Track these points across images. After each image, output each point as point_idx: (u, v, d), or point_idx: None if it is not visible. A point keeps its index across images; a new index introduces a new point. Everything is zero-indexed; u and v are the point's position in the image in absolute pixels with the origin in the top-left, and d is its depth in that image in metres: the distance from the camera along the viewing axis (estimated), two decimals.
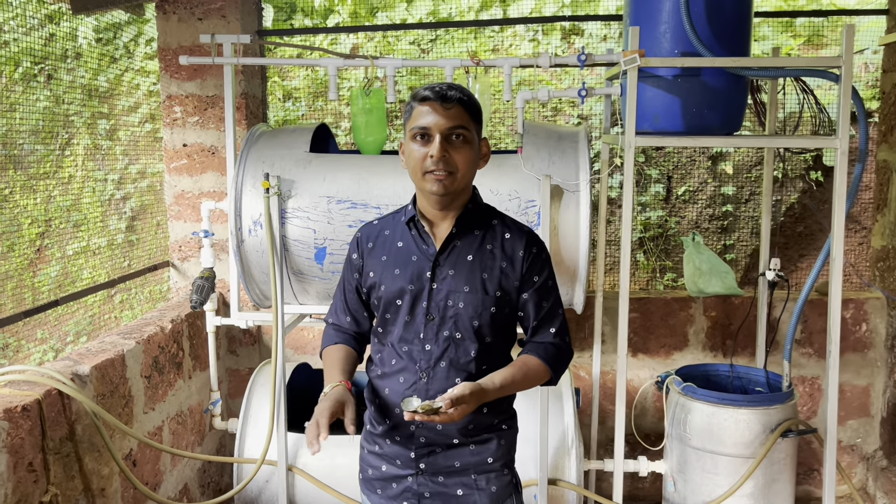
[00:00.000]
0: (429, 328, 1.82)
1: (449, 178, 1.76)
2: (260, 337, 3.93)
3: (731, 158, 5.27)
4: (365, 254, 1.93)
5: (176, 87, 3.73)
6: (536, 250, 1.86)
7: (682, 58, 2.62)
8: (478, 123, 1.83)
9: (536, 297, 1.85)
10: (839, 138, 2.56)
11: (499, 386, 1.74)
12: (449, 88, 1.78)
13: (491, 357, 1.86)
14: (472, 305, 1.81)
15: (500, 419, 1.90)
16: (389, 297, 1.86)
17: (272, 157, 2.88)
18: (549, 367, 1.85)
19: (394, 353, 1.88)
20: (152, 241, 4.46)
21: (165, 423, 3.23)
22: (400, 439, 1.88)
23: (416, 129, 1.78)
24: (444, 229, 1.86)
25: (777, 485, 2.82)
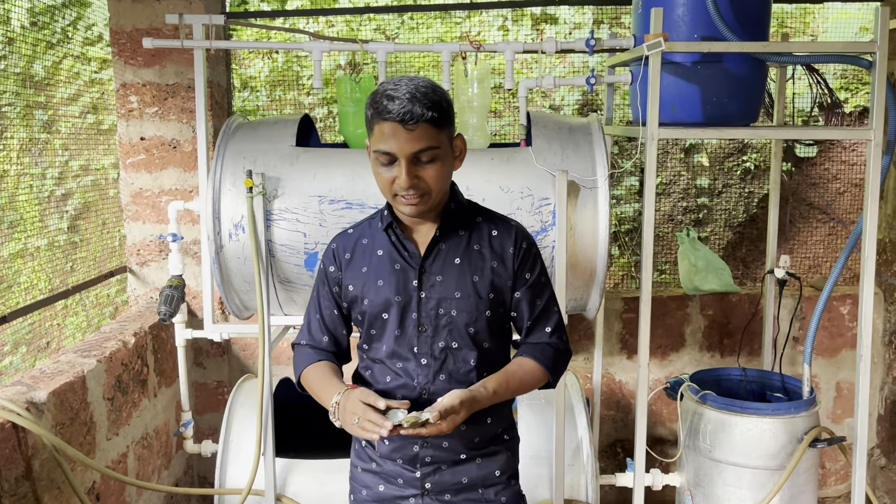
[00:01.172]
0: (422, 341, 1.70)
1: (422, 199, 1.63)
2: (229, 348, 3.61)
3: (705, 149, 5.16)
4: (343, 265, 1.77)
5: (132, 74, 3.37)
6: (527, 245, 1.75)
7: (708, 42, 2.42)
8: (448, 128, 1.64)
9: (530, 294, 1.74)
10: (873, 129, 2.41)
11: (492, 392, 1.64)
12: (411, 100, 1.55)
13: (491, 363, 1.74)
14: (466, 311, 1.70)
15: (503, 428, 1.80)
16: (374, 310, 1.72)
17: (254, 152, 2.57)
18: (547, 370, 1.74)
19: (386, 369, 1.73)
20: (98, 242, 4.08)
21: (130, 449, 2.90)
22: (403, 461, 1.73)
23: (379, 153, 1.60)
24: (426, 233, 1.73)
25: (803, 496, 2.67)
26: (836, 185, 5.18)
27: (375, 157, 1.62)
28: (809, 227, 5.12)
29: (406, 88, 1.57)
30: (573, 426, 2.74)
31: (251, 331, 2.84)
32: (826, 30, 5.20)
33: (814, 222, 5.15)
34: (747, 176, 5.23)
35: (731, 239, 5.29)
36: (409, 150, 1.57)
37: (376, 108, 1.58)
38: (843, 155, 5.10)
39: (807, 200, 5.13)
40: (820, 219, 5.24)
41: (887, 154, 2.57)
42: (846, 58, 2.46)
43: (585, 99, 5.24)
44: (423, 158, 1.59)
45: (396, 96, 1.55)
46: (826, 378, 3.70)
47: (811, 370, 2.73)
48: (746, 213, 5.26)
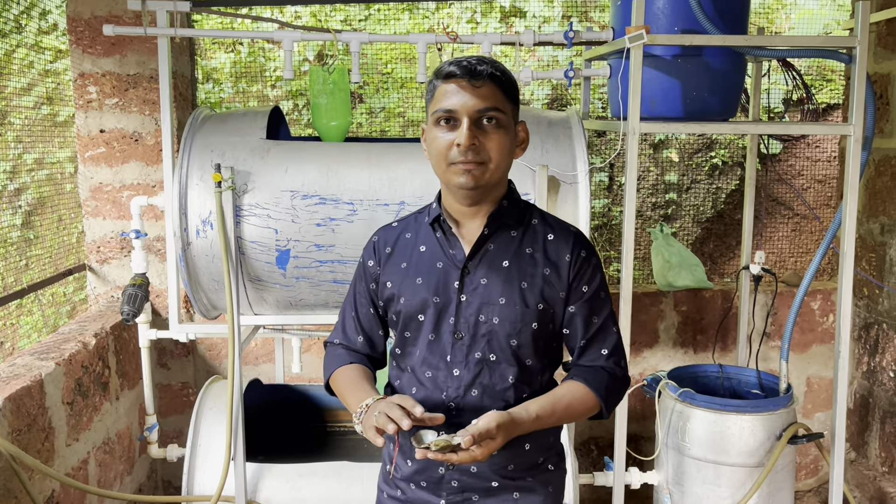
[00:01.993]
0: (457, 349, 1.53)
1: (479, 168, 1.47)
2: (194, 348, 3.49)
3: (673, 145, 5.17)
4: (383, 260, 1.61)
5: (90, 63, 3.23)
6: (585, 254, 1.56)
7: (690, 35, 2.38)
8: (514, 104, 1.52)
9: (586, 310, 1.55)
10: (853, 125, 2.40)
11: (534, 416, 1.45)
12: (479, 62, 1.47)
13: (532, 383, 1.56)
14: (510, 321, 1.51)
15: (545, 457, 1.60)
16: (410, 311, 1.56)
17: (222, 146, 2.47)
18: (599, 398, 1.53)
19: (414, 379, 1.57)
20: (54, 238, 3.92)
21: (91, 455, 2.78)
22: (427, 484, 1.57)
23: (439, 112, 1.47)
24: (474, 230, 1.56)
25: (781, 493, 2.67)
26: (800, 181, 5.24)
27: (434, 119, 1.48)
28: (775, 223, 5.16)
29: (473, 56, 1.49)
30: None
31: (219, 331, 2.74)
32: (792, 27, 5.25)
33: (779, 218, 5.20)
34: (715, 172, 5.25)
35: (698, 234, 5.31)
36: (473, 106, 1.45)
37: (439, 72, 1.49)
38: (808, 151, 5.15)
39: (772, 196, 5.17)
40: (785, 214, 5.29)
41: (865, 149, 2.57)
42: (826, 52, 2.45)
43: (556, 93, 5.21)
44: (487, 122, 1.46)
45: (462, 59, 1.48)
46: (797, 373, 3.71)
47: (774, 362, 2.71)
48: (714, 209, 5.29)
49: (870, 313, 3.53)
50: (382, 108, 5.03)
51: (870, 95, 2.48)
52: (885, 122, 3.35)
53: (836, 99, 5.08)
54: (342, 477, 2.58)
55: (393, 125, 4.95)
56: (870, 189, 3.52)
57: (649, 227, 4.44)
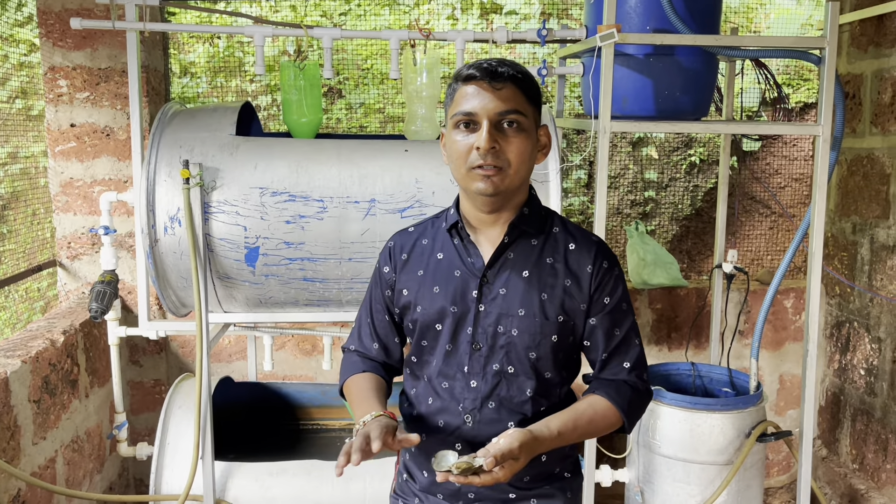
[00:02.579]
0: (475, 360, 1.50)
1: (499, 174, 1.42)
2: (167, 345, 3.46)
3: (653, 143, 5.19)
4: (398, 267, 1.58)
5: (60, 57, 3.19)
6: (608, 265, 1.52)
7: (661, 34, 2.39)
8: (536, 107, 1.49)
9: (607, 322, 1.51)
10: (821, 125, 2.41)
11: (556, 434, 1.41)
12: (500, 64, 1.44)
13: (550, 396, 1.53)
14: (529, 333, 1.48)
15: (561, 466, 1.58)
16: (427, 320, 1.52)
17: (191, 141, 2.44)
18: (622, 412, 1.49)
19: (430, 389, 1.54)
20: (28, 233, 3.87)
21: (59, 453, 2.75)
22: (443, 496, 1.55)
23: (459, 115, 1.43)
24: (494, 238, 1.51)
25: (750, 490, 2.68)
26: (778, 179, 5.27)
27: (453, 122, 1.45)
28: (752, 221, 5.19)
29: (494, 59, 1.47)
30: None
31: (189, 328, 2.72)
32: (769, 26, 5.27)
33: (756, 216, 5.23)
34: (693, 170, 5.27)
35: (676, 232, 5.33)
36: (494, 109, 1.41)
37: (459, 75, 1.46)
38: (785, 150, 5.18)
39: (749, 194, 5.20)
40: (762, 213, 5.33)
41: (834, 149, 2.58)
42: (796, 53, 2.46)
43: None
44: (508, 125, 1.42)
45: (483, 61, 1.45)
46: (770, 370, 3.74)
47: (746, 360, 2.73)
48: (692, 207, 5.31)
49: (842, 311, 3.56)
50: (361, 104, 5.01)
51: (839, 96, 2.49)
52: (858, 123, 3.38)
53: (813, 98, 5.11)
54: (312, 476, 2.57)
55: (372, 121, 4.93)
56: (842, 188, 3.55)
57: (626, 225, 4.45)
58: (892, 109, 3.14)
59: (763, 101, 2.87)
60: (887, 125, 3.17)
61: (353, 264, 2.44)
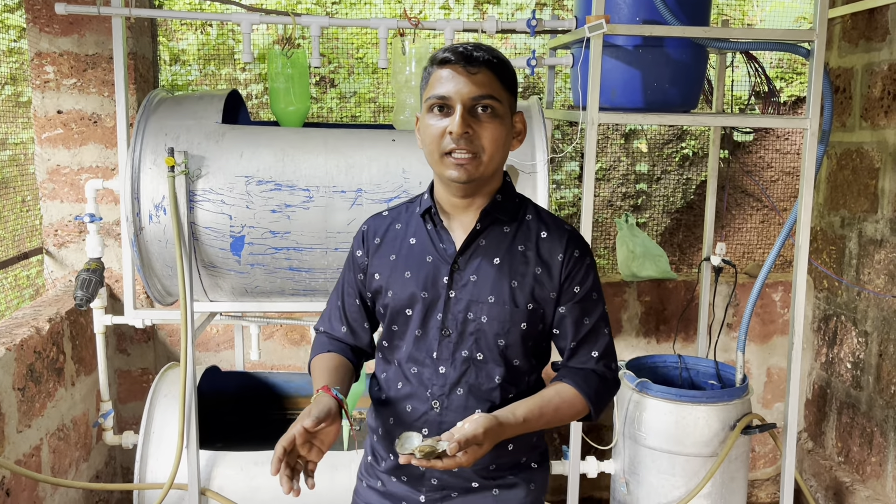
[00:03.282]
0: (444, 346, 1.50)
1: (473, 161, 1.42)
2: (155, 334, 3.45)
3: (644, 135, 5.18)
4: (371, 251, 1.57)
5: (47, 42, 3.16)
6: (579, 254, 1.51)
7: (651, 25, 2.37)
8: (512, 93, 1.47)
9: (577, 311, 1.51)
10: (809, 118, 2.40)
11: (521, 420, 1.41)
12: (476, 48, 1.42)
13: (519, 383, 1.53)
14: (498, 320, 1.48)
15: (528, 456, 1.58)
16: (398, 305, 1.53)
17: (176, 129, 2.43)
18: (588, 401, 1.49)
19: (400, 374, 1.54)
20: (17, 220, 3.85)
21: (45, 441, 2.74)
22: (407, 479, 1.55)
23: (432, 99, 1.42)
24: (467, 224, 1.51)
25: (734, 482, 2.69)
26: (770, 172, 5.27)
27: (427, 106, 1.43)
28: (743, 215, 5.20)
29: (470, 42, 1.45)
30: None
31: (175, 316, 2.70)
32: (763, 19, 5.26)
33: (747, 209, 5.23)
34: (685, 163, 5.27)
35: (668, 225, 5.33)
36: (468, 93, 1.39)
37: (434, 58, 1.44)
38: (777, 143, 5.18)
39: (741, 188, 5.20)
40: (753, 206, 5.33)
41: (822, 143, 2.58)
42: (785, 45, 2.45)
43: (528, 82, 5.19)
44: (482, 111, 1.41)
45: (459, 45, 1.43)
46: (757, 363, 3.75)
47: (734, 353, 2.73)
48: (684, 200, 5.31)
49: (829, 305, 3.57)
50: (354, 93, 4.99)
51: (827, 89, 2.49)
52: (848, 117, 3.37)
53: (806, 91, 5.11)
54: None
55: (364, 110, 4.90)
56: (831, 182, 3.55)
57: (616, 218, 4.45)
58: (881, 103, 3.14)
59: (755, 94, 2.86)
60: (877, 119, 3.17)
61: (340, 254, 2.43)
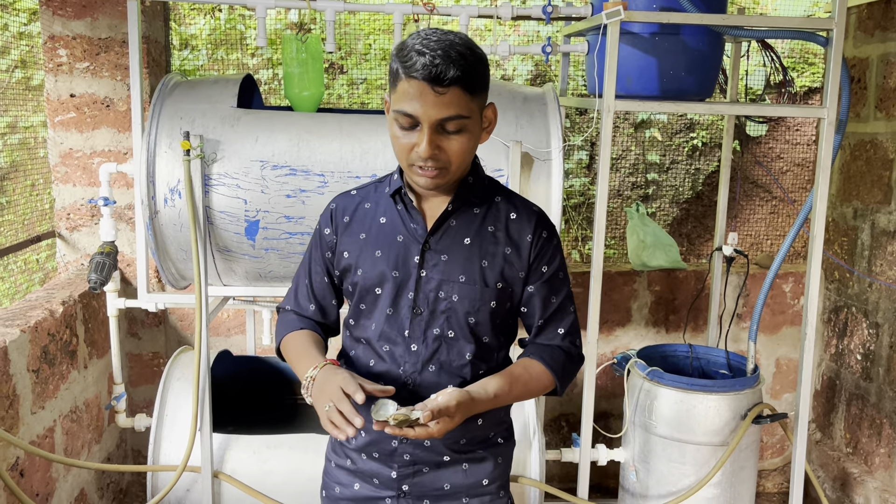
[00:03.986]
0: (416, 324, 1.52)
1: (440, 173, 1.44)
2: (166, 318, 3.47)
3: (656, 125, 5.16)
4: (340, 229, 1.59)
5: (60, 26, 3.15)
6: (547, 234, 1.56)
7: (668, 12, 2.36)
8: (481, 96, 1.45)
9: (545, 290, 1.56)
10: (827, 108, 2.39)
11: (492, 395, 1.47)
12: (445, 60, 1.34)
13: (489, 360, 1.58)
14: (469, 299, 1.51)
15: (496, 431, 1.63)
16: (367, 284, 1.54)
17: (192, 113, 2.43)
18: (555, 376, 1.56)
19: (371, 352, 1.57)
20: (27, 204, 3.87)
21: (58, 423, 2.75)
22: (379, 455, 1.58)
23: (399, 114, 1.40)
24: (438, 205, 1.54)
25: (744, 471, 2.70)
26: (780, 164, 5.25)
27: (395, 117, 1.42)
28: (752, 206, 5.18)
29: (439, 45, 1.36)
30: (520, 403, 2.70)
31: (188, 301, 2.71)
32: (776, 8, 5.23)
33: (757, 200, 5.22)
34: (695, 153, 5.26)
35: (677, 215, 5.32)
36: (435, 115, 1.37)
37: (403, 61, 1.37)
38: (788, 134, 5.16)
39: (751, 179, 5.19)
40: (763, 197, 5.32)
41: (838, 133, 2.57)
42: (803, 34, 2.44)
43: (538, 70, 5.17)
44: (450, 128, 1.40)
45: (427, 51, 1.35)
46: (766, 354, 3.75)
47: (744, 343, 2.73)
48: (693, 190, 5.30)
49: (840, 297, 3.56)
50: (363, 80, 4.98)
51: (845, 79, 2.47)
52: (862, 107, 3.36)
53: (818, 83, 5.09)
54: (309, 449, 2.58)
55: (374, 97, 4.90)
56: (844, 173, 3.54)
57: (627, 207, 4.44)
58: None
59: (767, 84, 2.85)
60: (892, 110, 3.15)
61: None
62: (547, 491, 2.62)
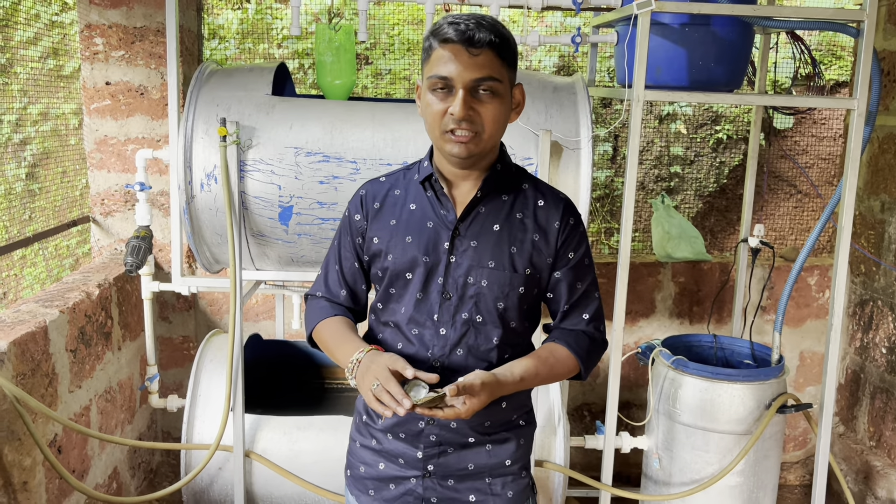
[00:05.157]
0: (444, 309, 1.55)
1: (474, 139, 1.47)
2: (196, 302, 3.53)
3: (681, 118, 5.16)
4: (370, 215, 1.62)
5: (97, 14, 3.22)
6: (574, 222, 1.59)
7: (698, 3, 2.38)
8: (512, 69, 1.51)
9: (571, 276, 1.60)
10: (857, 99, 2.40)
11: (518, 378, 1.51)
12: (478, 27, 1.43)
13: (515, 344, 1.60)
14: (498, 284, 1.55)
15: (518, 414, 1.66)
16: (398, 268, 1.58)
17: (228, 100, 2.48)
18: (580, 360, 1.59)
19: (400, 335, 1.60)
20: (58, 191, 3.95)
21: (93, 402, 2.83)
22: (405, 436, 1.61)
23: (434, 79, 1.45)
24: (467, 192, 1.57)
25: (768, 461, 2.72)
26: (805, 158, 5.23)
27: (429, 84, 1.46)
28: (777, 200, 5.17)
29: (471, 17, 1.45)
30: (545, 390, 2.74)
31: (220, 285, 2.77)
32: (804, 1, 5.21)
33: (781, 195, 5.21)
34: (719, 146, 5.25)
35: (700, 208, 5.32)
36: (470, 76, 1.42)
37: (437, 33, 1.45)
38: (814, 129, 5.14)
39: (775, 173, 5.17)
40: (787, 191, 5.30)
41: (868, 125, 2.57)
42: (834, 24, 2.45)
43: (563, 62, 5.19)
44: (483, 91, 1.45)
45: (461, 20, 1.44)
46: (790, 347, 3.76)
47: (768, 336, 2.74)
48: (717, 184, 5.30)
49: (865, 290, 3.56)
50: (389, 71, 5.02)
51: (876, 70, 2.48)
52: (891, 100, 3.35)
53: (845, 76, 5.06)
54: (338, 431, 2.63)
55: (398, 88, 4.94)
56: (872, 166, 3.53)
57: (650, 199, 4.45)
58: None
59: (795, 76, 2.85)
60: None
61: None
62: (571, 476, 2.65)
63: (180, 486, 2.60)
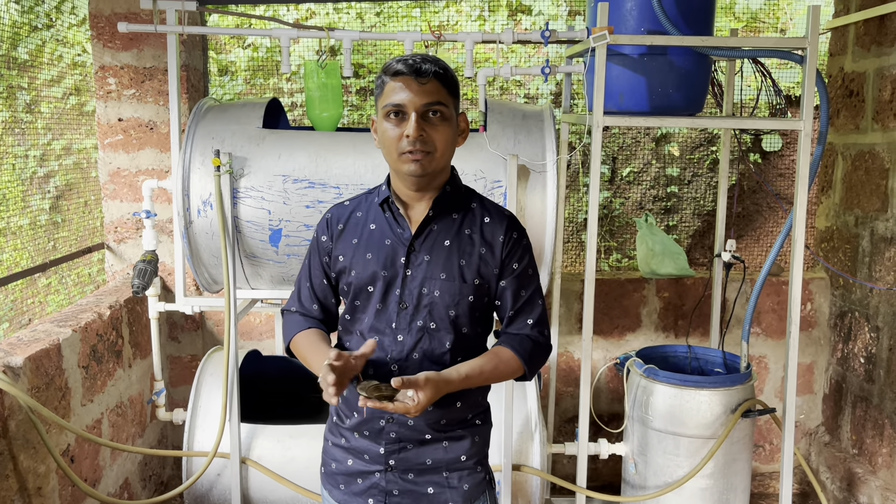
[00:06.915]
0: (402, 317, 1.72)
1: (427, 158, 1.65)
2: (203, 323, 3.75)
3: (675, 140, 5.32)
4: (335, 236, 1.81)
5: (110, 57, 3.49)
6: (517, 235, 1.77)
7: (650, 35, 2.57)
8: (455, 98, 1.72)
9: (515, 285, 1.76)
10: (803, 120, 2.56)
11: (464, 376, 1.66)
12: (423, 61, 1.66)
13: (467, 349, 1.76)
14: (449, 294, 1.72)
15: (473, 413, 1.82)
16: (360, 282, 1.76)
17: (222, 133, 2.71)
18: (523, 362, 1.75)
19: (363, 342, 1.77)
20: (79, 221, 4.21)
21: (105, 416, 3.04)
22: (369, 434, 1.78)
23: (389, 107, 1.65)
24: (420, 212, 1.76)
25: (736, 464, 2.85)
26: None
27: (384, 112, 1.65)
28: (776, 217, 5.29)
29: (417, 55, 1.68)
30: (523, 398, 2.90)
31: (221, 304, 2.99)
32: (795, 24, 5.37)
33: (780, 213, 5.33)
34: (715, 166, 5.39)
35: (698, 227, 5.46)
36: (420, 101, 1.62)
37: (388, 70, 1.66)
38: None
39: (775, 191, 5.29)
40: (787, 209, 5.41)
41: (819, 144, 2.73)
42: (780, 52, 2.62)
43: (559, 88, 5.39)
44: (433, 115, 1.64)
45: (408, 58, 1.65)
46: (774, 359, 3.88)
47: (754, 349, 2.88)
48: (714, 203, 5.43)
49: (844, 302, 3.68)
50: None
51: (822, 93, 2.64)
52: (861, 119, 3.50)
53: None
54: None
55: None
56: (846, 183, 3.67)
57: (634, 217, 4.61)
58: (891, 106, 3.26)
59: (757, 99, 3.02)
60: (887, 122, 3.29)
61: None
62: (548, 479, 2.80)
63: (181, 490, 2.79)
